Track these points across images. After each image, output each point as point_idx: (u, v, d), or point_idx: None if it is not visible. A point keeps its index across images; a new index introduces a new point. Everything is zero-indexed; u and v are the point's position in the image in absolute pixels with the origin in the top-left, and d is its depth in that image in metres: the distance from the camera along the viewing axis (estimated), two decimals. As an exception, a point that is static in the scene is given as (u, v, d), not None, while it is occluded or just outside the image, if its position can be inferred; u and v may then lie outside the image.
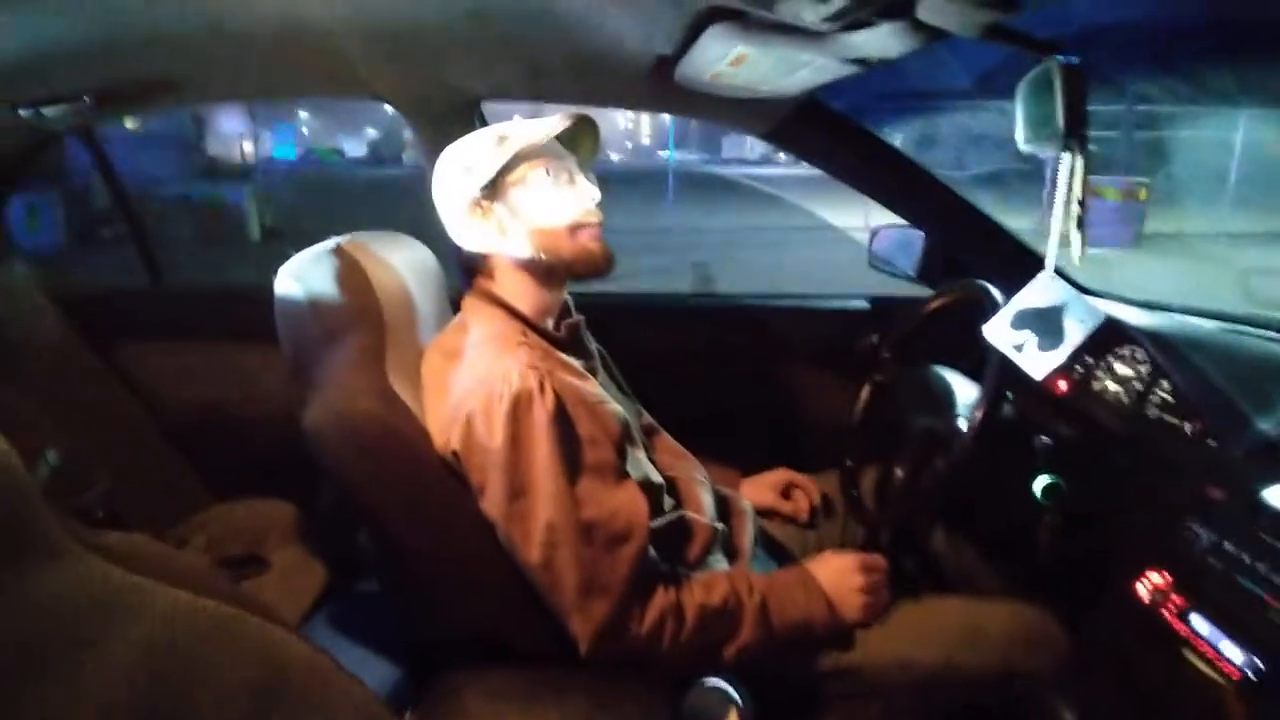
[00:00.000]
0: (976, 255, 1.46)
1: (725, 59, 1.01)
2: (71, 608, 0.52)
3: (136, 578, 0.56)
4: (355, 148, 36.63)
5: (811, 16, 0.77)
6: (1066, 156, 0.83)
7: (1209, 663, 0.83)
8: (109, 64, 1.29)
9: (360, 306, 1.02)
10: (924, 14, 0.74)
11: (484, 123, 1.46)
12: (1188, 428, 0.95)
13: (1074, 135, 0.80)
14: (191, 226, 10.57)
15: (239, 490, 1.69)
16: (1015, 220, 1.72)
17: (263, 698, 0.62)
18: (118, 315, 1.83)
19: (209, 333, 1.80)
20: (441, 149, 1.06)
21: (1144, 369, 1.03)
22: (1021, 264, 1.41)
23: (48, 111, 1.36)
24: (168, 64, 1.32)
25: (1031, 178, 10.20)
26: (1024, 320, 1.01)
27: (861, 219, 9.34)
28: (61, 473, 1.42)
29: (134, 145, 12.25)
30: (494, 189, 1.00)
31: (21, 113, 1.36)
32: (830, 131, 1.42)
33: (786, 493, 1.36)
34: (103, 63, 1.28)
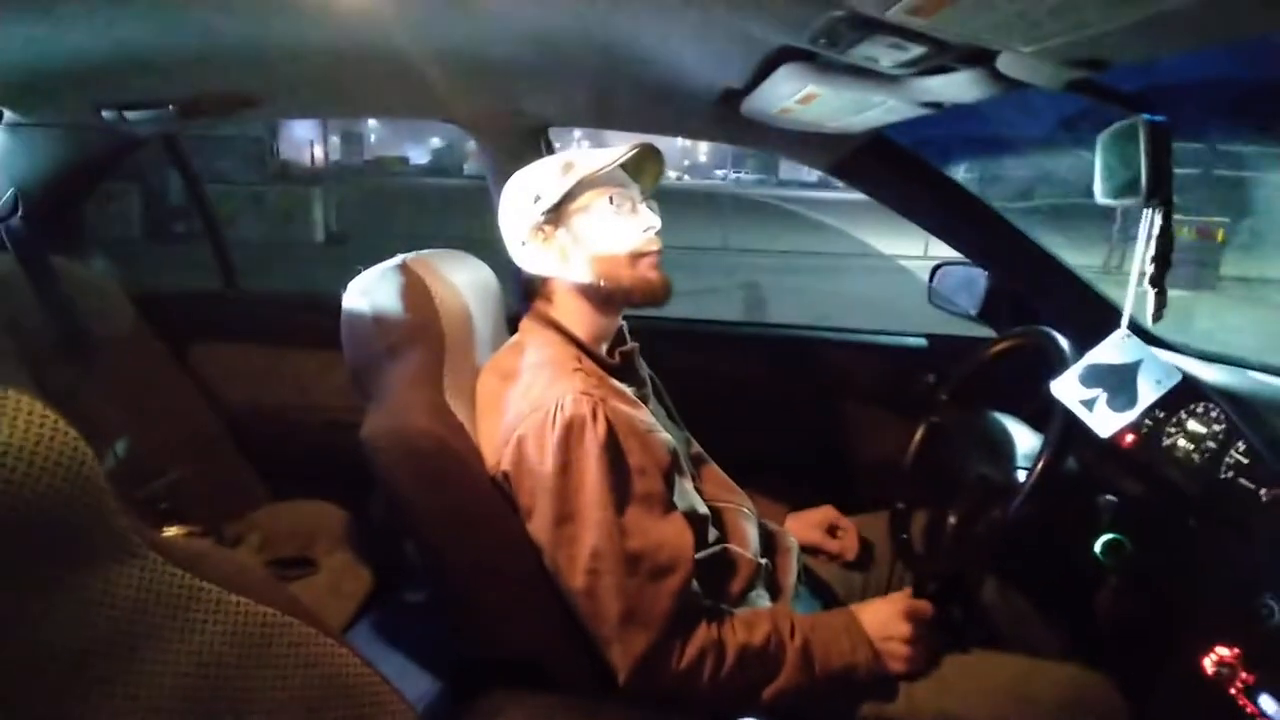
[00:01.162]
0: (1041, 297, 1.42)
1: (795, 96, 1.01)
2: (141, 610, 0.54)
3: (203, 582, 0.59)
4: (419, 156, 37.68)
5: (887, 62, 0.77)
6: (1148, 213, 0.81)
7: None
8: (195, 76, 1.36)
9: (422, 323, 1.05)
10: (1005, 67, 0.73)
11: (550, 148, 1.49)
12: (1263, 494, 0.90)
13: (1157, 194, 0.78)
14: (259, 226, 10.97)
15: (293, 491, 1.74)
16: (1081, 257, 1.68)
17: (309, 704, 0.64)
18: (190, 315, 1.91)
19: (275, 337, 1.86)
20: (509, 171, 1.09)
21: (1218, 428, 0.99)
22: (1089, 309, 1.37)
23: (131, 116, 1.43)
24: (251, 79, 1.38)
25: (1098, 213, 9.89)
26: (1096, 377, 0.98)
27: (921, 248, 9.19)
28: (128, 463, 1.48)
29: (209, 145, 12.80)
30: (557, 215, 1.02)
31: (105, 115, 1.44)
32: (895, 167, 1.40)
33: (832, 531, 1.34)
34: (189, 74, 1.35)
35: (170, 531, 1.33)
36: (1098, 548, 0.99)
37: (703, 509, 1.05)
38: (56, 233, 1.69)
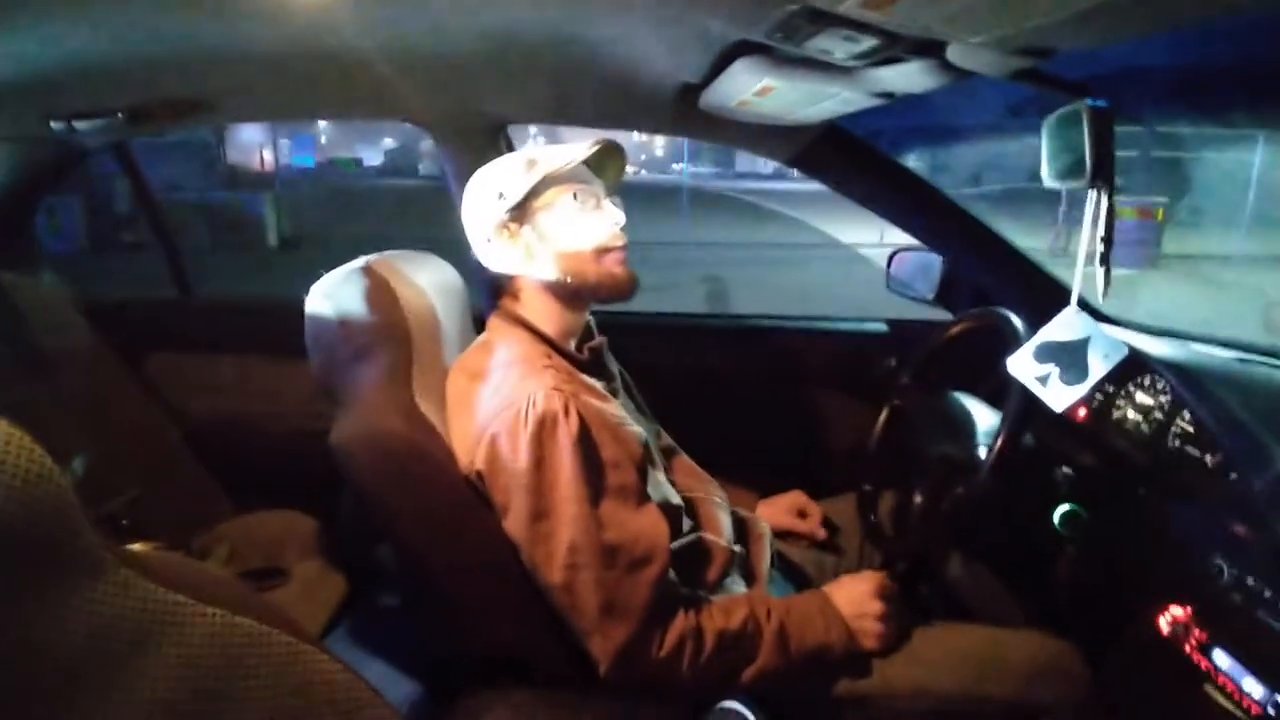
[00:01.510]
0: (995, 280, 1.47)
1: (752, 89, 1.03)
2: (114, 625, 0.53)
3: (176, 595, 0.58)
4: (372, 157, 37.01)
5: (840, 54, 0.79)
6: (1093, 195, 0.84)
7: (1230, 698, 0.82)
8: (143, 82, 1.32)
9: (388, 325, 1.04)
10: (955, 57, 0.75)
11: (510, 144, 1.49)
12: (1209, 460, 0.94)
13: (1101, 176, 0.81)
14: (210, 234, 10.68)
15: (259, 501, 1.71)
16: (1029, 240, 1.73)
17: (292, 712, 0.64)
18: (145, 325, 1.86)
19: (233, 344, 1.82)
20: (469, 170, 1.09)
21: (1164, 399, 1.04)
22: (1040, 290, 1.41)
23: (80, 126, 1.39)
24: (201, 83, 1.35)
25: (1045, 197, 10.16)
26: (1048, 353, 1.01)
27: (876, 235, 9.34)
28: (87, 480, 1.44)
29: (155, 152, 12.39)
30: (521, 212, 1.02)
31: (54, 125, 1.39)
32: (851, 157, 1.43)
33: (802, 515, 1.36)
34: (137, 80, 1.31)
35: (135, 548, 1.30)
36: (1056, 519, 1.04)
37: (676, 500, 1.07)
38: (4, 248, 1.64)
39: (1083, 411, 1.07)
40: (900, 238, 1.60)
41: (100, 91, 1.34)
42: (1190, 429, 0.98)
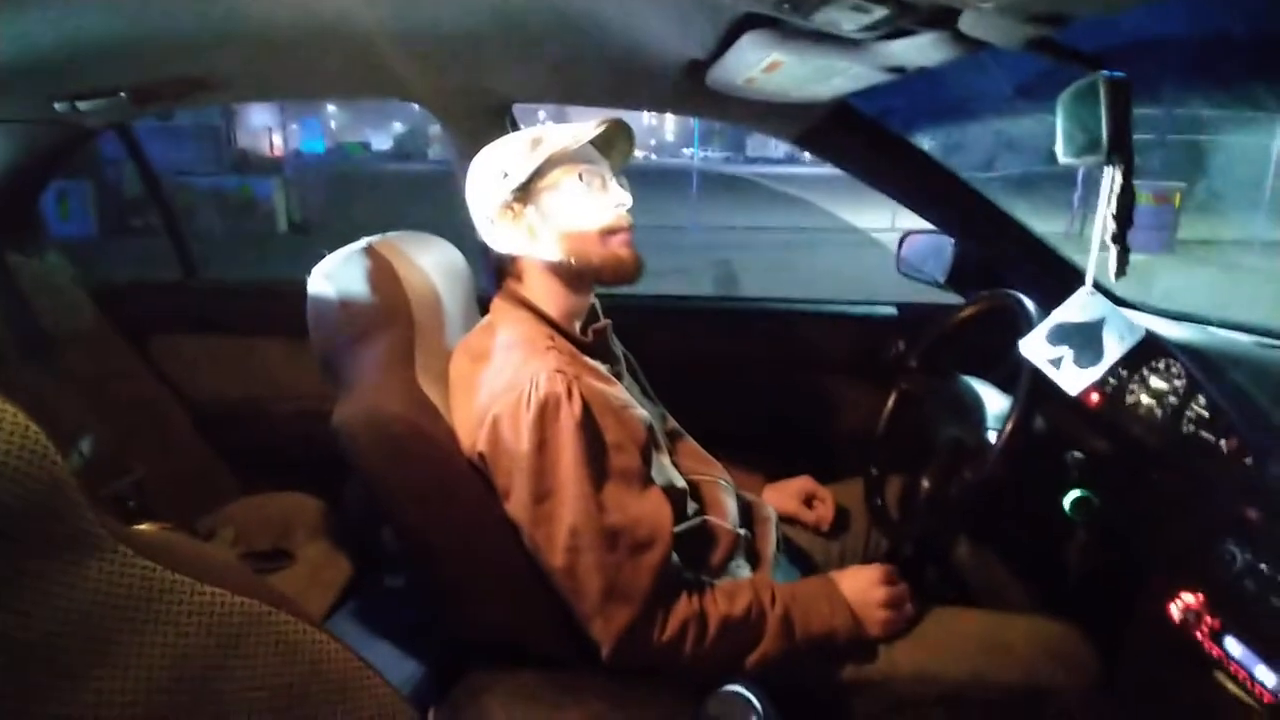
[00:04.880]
0: (1007, 263, 1.44)
1: (759, 65, 1.00)
2: (112, 603, 0.53)
3: (176, 574, 0.57)
4: (381, 141, 36.96)
5: (850, 26, 0.77)
6: (1109, 171, 0.82)
7: (1241, 686, 0.81)
8: (146, 61, 1.31)
9: (390, 307, 1.03)
10: (967, 26, 0.73)
11: (515, 125, 1.47)
12: (1223, 445, 0.93)
13: (1119, 151, 0.79)
14: (220, 219, 10.72)
15: (266, 483, 1.71)
16: (1045, 224, 1.70)
17: (290, 692, 0.63)
18: (151, 307, 1.87)
19: (239, 326, 1.83)
20: (473, 150, 1.07)
21: (1179, 383, 1.01)
22: (1054, 273, 1.39)
23: (83, 106, 1.38)
24: (205, 62, 1.34)
25: (1061, 181, 10.05)
26: (1062, 335, 0.99)
27: (888, 219, 9.26)
28: (94, 461, 1.45)
29: (164, 136, 12.43)
30: (526, 192, 1.00)
31: (57, 106, 1.39)
32: (861, 136, 1.41)
33: (809, 501, 1.35)
34: (140, 60, 1.30)
35: (140, 529, 1.31)
36: (1066, 504, 1.02)
37: (680, 483, 1.06)
38: (10, 230, 1.64)
39: (1095, 395, 1.05)
40: (912, 223, 1.57)
41: (104, 71, 1.33)
42: (1205, 413, 0.96)
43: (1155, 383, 1.04)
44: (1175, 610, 0.89)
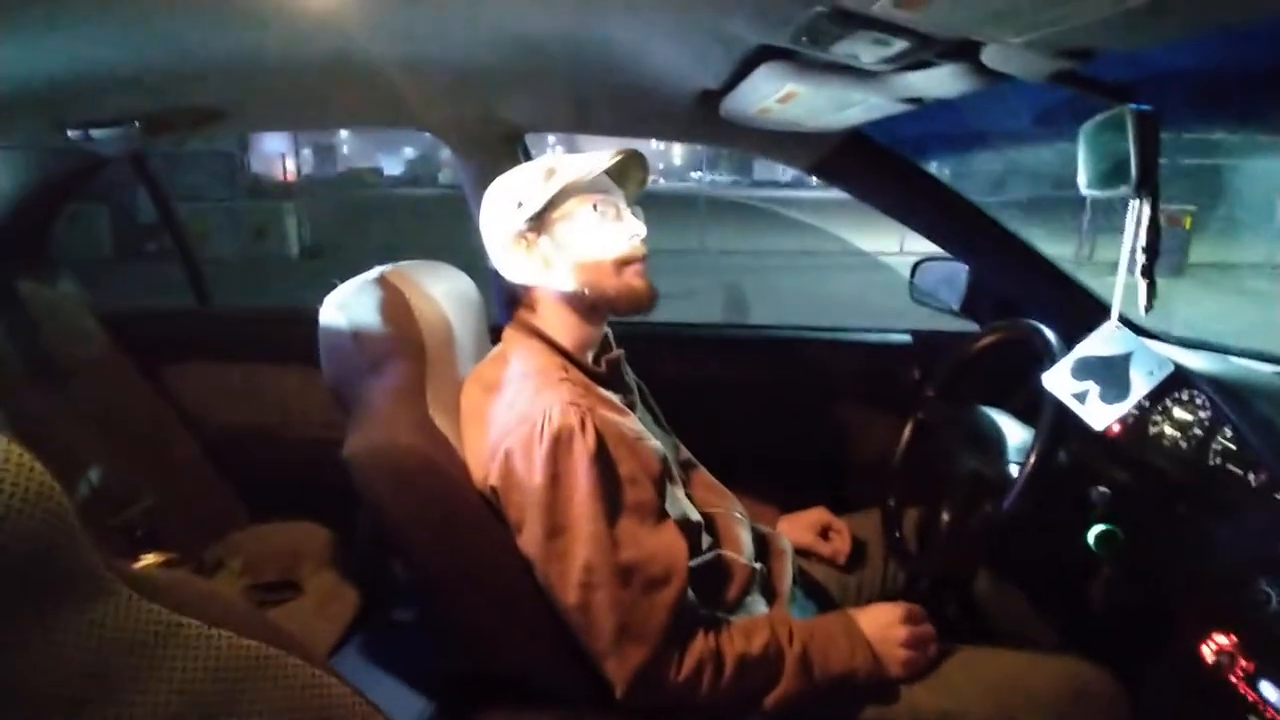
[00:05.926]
0: (1024, 291, 1.43)
1: (774, 95, 1.00)
2: (117, 648, 0.52)
3: (182, 617, 0.56)
4: (393, 166, 37.40)
5: (869, 58, 0.76)
6: (1135, 204, 0.81)
7: None
8: (160, 91, 1.32)
9: (402, 337, 1.02)
10: (989, 59, 0.72)
11: (527, 153, 1.47)
12: (1252, 478, 0.90)
13: (1146, 183, 0.77)
14: (233, 244, 10.83)
15: (275, 512, 1.70)
16: (1053, 249, 1.69)
17: None
18: (162, 335, 1.87)
19: (251, 354, 1.82)
20: (486, 179, 1.07)
21: (1204, 415, 0.99)
22: (1071, 301, 1.37)
23: (96, 135, 1.39)
24: (219, 93, 1.35)
25: (1069, 205, 10.04)
26: (1087, 369, 0.97)
27: (896, 244, 9.26)
28: (103, 490, 1.44)
29: (178, 161, 12.62)
30: (540, 222, 1.00)
31: (70, 134, 1.40)
32: (874, 164, 1.40)
33: (825, 533, 1.33)
34: (154, 90, 1.31)
35: (147, 559, 1.29)
36: (1091, 539, 0.99)
37: (695, 516, 1.04)
38: (23, 256, 1.65)
39: (1118, 428, 1.03)
40: (920, 246, 1.56)
41: (117, 100, 1.34)
42: (1232, 446, 0.94)
43: (1179, 414, 1.02)
44: (1207, 651, 0.86)
